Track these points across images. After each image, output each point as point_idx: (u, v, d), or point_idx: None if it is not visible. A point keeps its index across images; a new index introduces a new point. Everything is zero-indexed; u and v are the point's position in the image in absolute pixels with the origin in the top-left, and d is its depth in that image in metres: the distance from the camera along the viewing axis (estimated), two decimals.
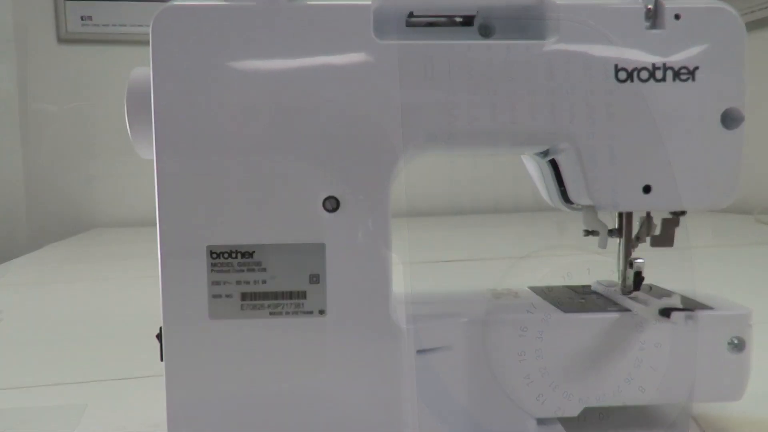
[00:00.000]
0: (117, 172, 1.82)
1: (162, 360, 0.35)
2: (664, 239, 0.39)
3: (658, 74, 0.35)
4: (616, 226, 0.40)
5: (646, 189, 0.36)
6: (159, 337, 0.36)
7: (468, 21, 0.36)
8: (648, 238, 0.40)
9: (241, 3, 0.34)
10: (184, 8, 0.34)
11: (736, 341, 0.38)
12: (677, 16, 0.35)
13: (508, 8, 0.36)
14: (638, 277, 0.40)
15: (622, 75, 0.35)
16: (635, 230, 0.40)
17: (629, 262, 0.40)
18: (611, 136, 0.36)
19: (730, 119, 0.36)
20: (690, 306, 0.39)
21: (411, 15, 0.36)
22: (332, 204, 0.35)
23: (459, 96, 0.35)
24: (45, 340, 0.66)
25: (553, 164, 0.40)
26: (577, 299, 0.42)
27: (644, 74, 0.35)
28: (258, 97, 0.34)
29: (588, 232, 0.41)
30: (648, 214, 0.39)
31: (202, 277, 0.35)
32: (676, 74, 0.35)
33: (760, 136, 1.24)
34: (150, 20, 0.34)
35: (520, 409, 0.38)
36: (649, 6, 0.36)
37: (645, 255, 0.40)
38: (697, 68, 0.35)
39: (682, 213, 0.39)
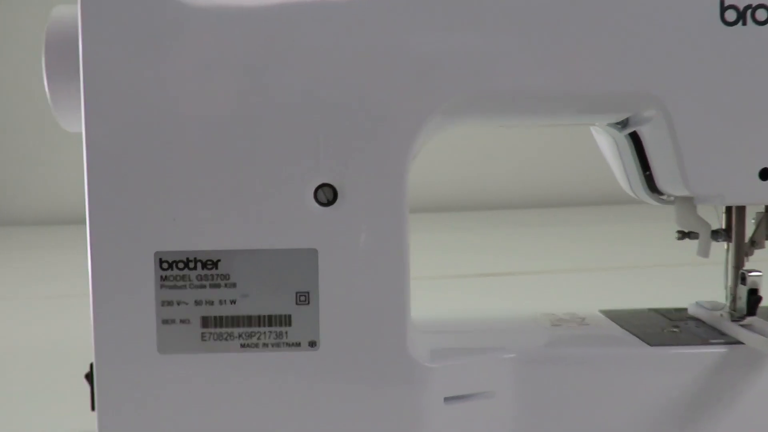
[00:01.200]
0: (26, 150, 1.83)
1: (93, 410, 0.35)
2: None
3: None
4: (723, 226, 0.40)
5: (765, 174, 0.36)
6: (89, 377, 0.36)
7: None
8: (767, 243, 0.40)
9: None
10: None
11: None
12: None
13: None
14: (754, 297, 0.40)
15: (731, 15, 0.35)
16: (749, 231, 0.40)
17: (741, 276, 0.40)
18: (716, 100, 0.35)
19: None
20: None
21: None
22: (327, 195, 0.35)
23: (503, 44, 0.35)
24: None
25: (635, 139, 0.40)
26: (668, 328, 0.42)
27: (762, 14, 0.35)
28: (225, 47, 0.34)
29: (683, 234, 0.41)
30: (767, 208, 0.39)
31: (149, 295, 0.35)
32: None
33: None
34: None
35: None
36: None
37: (763, 266, 0.40)
38: None
39: None
